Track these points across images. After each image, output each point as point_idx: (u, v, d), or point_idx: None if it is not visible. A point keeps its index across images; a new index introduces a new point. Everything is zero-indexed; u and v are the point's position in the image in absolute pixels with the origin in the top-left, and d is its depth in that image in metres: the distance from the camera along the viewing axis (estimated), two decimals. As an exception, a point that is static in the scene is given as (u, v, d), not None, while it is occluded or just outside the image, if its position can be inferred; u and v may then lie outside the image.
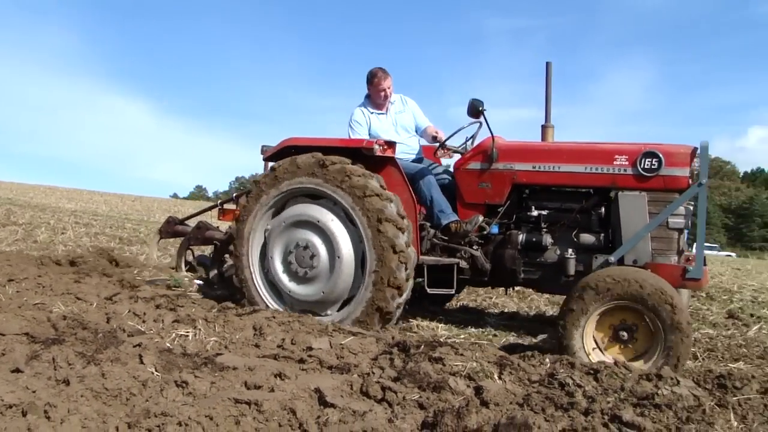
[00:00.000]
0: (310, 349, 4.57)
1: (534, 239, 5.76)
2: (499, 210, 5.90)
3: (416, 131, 7.08)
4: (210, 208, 9.30)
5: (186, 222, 8.81)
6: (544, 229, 5.78)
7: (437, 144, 6.66)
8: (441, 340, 5.27)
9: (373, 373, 4.10)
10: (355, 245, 5.77)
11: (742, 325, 7.44)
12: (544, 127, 6.08)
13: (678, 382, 4.01)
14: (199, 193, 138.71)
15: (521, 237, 5.78)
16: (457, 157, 6.38)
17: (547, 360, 4.46)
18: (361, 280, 5.73)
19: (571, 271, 5.55)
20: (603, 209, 5.68)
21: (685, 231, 5.44)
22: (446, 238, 5.98)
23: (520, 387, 3.90)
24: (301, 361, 4.37)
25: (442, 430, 3.15)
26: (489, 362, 4.16)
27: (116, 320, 5.21)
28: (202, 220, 8.39)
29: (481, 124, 6.09)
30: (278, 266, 6.07)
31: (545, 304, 8.50)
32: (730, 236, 79.68)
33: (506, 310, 8.04)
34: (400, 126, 6.91)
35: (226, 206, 7.73)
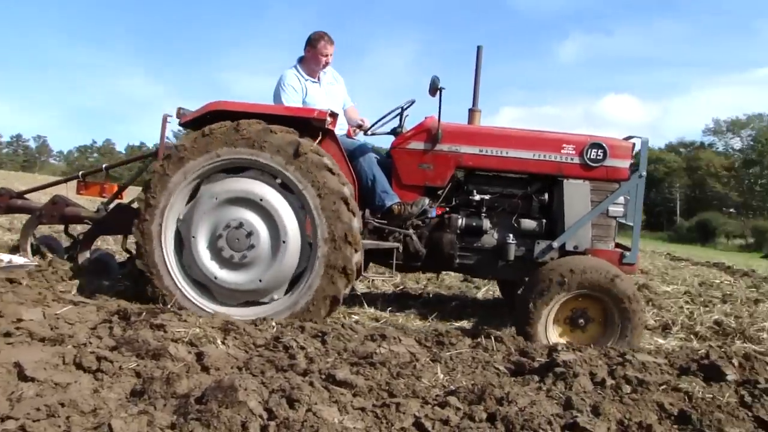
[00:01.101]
0: (20, 320, 4.15)
1: (474, 223, 5.63)
2: (439, 193, 5.72)
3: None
4: (62, 182, 7.67)
5: (25, 196, 7.21)
6: (484, 214, 5.67)
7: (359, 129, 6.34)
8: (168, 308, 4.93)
9: (90, 343, 3.80)
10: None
11: (474, 287, 7.99)
12: (471, 111, 5.92)
13: (400, 340, 4.19)
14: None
15: (460, 221, 5.63)
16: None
17: (274, 324, 4.44)
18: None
19: (511, 256, 5.53)
20: (545, 196, 5.71)
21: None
22: (385, 220, 5.60)
23: (243, 351, 3.84)
24: (8, 334, 3.96)
25: (151, 397, 2.99)
26: (213, 328, 4.06)
27: None
28: (59, 194, 6.88)
29: (413, 101, 5.91)
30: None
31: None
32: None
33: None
34: (332, 99, 6.36)
35: (89, 179, 6.73)
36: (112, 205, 6.52)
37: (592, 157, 5.46)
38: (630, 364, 4.01)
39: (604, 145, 5.47)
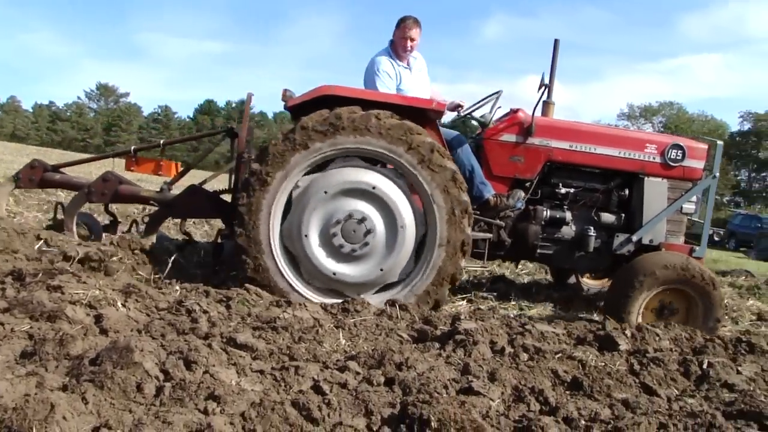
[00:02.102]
0: None
1: (557, 215, 5.80)
2: (527, 185, 5.80)
3: None
4: (108, 156, 7.01)
5: (61, 170, 6.54)
6: (566, 206, 5.87)
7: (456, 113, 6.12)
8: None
9: (-21, 305, 3.67)
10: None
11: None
12: (545, 103, 5.96)
13: (305, 307, 4.20)
14: None
15: (546, 213, 5.78)
16: None
17: (177, 288, 4.38)
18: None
19: (591, 248, 5.75)
20: (625, 191, 5.94)
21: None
22: (479, 211, 5.57)
23: (144, 315, 3.77)
24: None
25: (42, 359, 2.90)
26: (114, 290, 3.96)
27: None
28: (110, 170, 6.27)
29: (499, 93, 5.82)
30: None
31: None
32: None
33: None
34: (422, 84, 6.17)
35: (140, 154, 6.23)
36: (171, 185, 6.19)
37: (672, 157, 5.79)
38: (530, 334, 4.16)
39: (683, 146, 5.81)
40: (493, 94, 5.90)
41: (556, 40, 5.93)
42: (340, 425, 2.43)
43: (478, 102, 5.96)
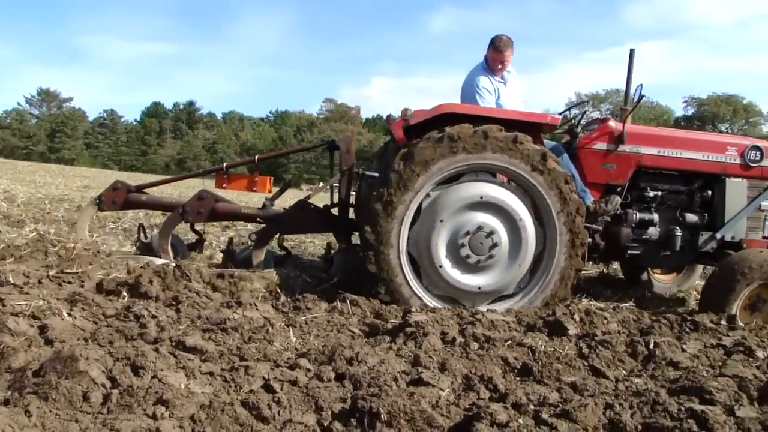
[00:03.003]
0: None
1: (646, 218, 6.07)
2: (618, 190, 6.03)
3: None
4: (197, 175, 7.01)
5: (144, 190, 6.47)
6: (653, 208, 6.15)
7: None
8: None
9: None
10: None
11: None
12: (622, 110, 6.22)
13: (256, 307, 4.19)
14: None
15: (635, 215, 6.03)
16: None
17: (125, 294, 4.32)
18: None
19: (677, 246, 6.05)
20: (708, 192, 6.23)
21: None
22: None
23: (91, 323, 3.71)
24: None
25: (-17, 373, 2.84)
26: (59, 299, 3.88)
27: None
28: (205, 189, 6.25)
29: (588, 102, 6.25)
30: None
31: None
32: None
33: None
34: (517, 97, 6.48)
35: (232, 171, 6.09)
36: (272, 201, 6.24)
37: (751, 158, 6.14)
38: (480, 323, 4.21)
39: (762, 147, 6.17)
40: (580, 103, 6.37)
41: (631, 50, 6.23)
42: (290, 422, 2.44)
43: (569, 111, 6.58)
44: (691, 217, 6.24)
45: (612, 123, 6.06)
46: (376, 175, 5.45)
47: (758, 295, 5.58)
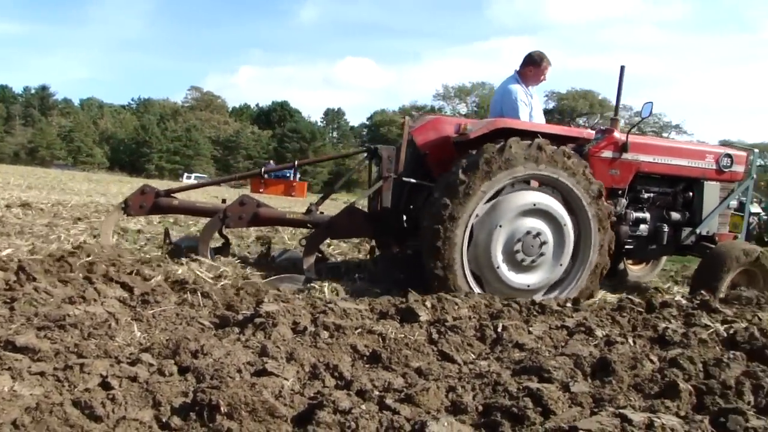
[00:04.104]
0: None
1: (640, 216, 7.00)
2: (620, 193, 6.85)
3: None
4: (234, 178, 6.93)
5: (174, 194, 6.29)
6: (646, 208, 7.08)
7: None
8: None
9: None
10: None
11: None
12: (612, 120, 7.11)
13: (102, 302, 4.02)
14: None
15: (633, 215, 6.94)
16: None
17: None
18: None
19: (664, 241, 7.06)
20: (689, 193, 7.28)
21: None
22: None
23: None
24: None
25: None
26: None
27: None
28: (246, 194, 6.18)
29: (598, 116, 7.16)
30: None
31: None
32: (218, 167, 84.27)
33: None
34: (540, 107, 7.12)
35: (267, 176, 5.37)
36: (318, 206, 6.47)
37: (724, 164, 7.24)
38: (332, 312, 4.21)
39: (732, 155, 7.31)
40: (589, 115, 7.45)
41: (622, 67, 6.87)
42: (124, 420, 2.34)
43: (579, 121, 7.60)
44: (675, 215, 7.23)
45: (617, 134, 6.85)
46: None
47: (735, 280, 6.63)
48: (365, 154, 6.95)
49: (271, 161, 55.27)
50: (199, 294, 4.45)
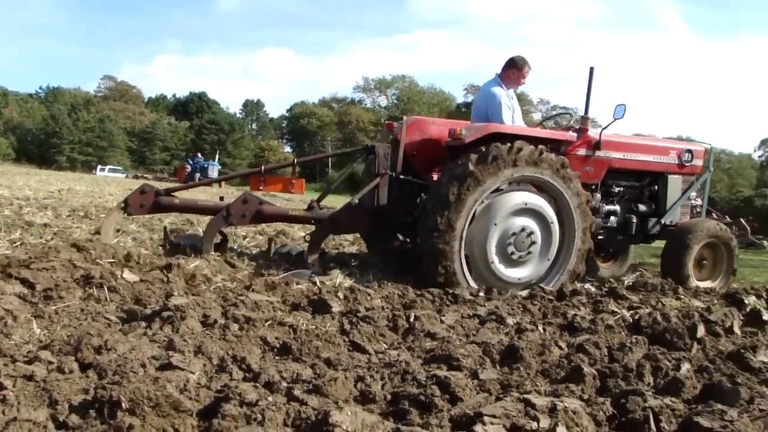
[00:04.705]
0: None
1: (611, 209, 7.59)
2: (593, 187, 7.32)
3: None
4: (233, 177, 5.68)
5: (173, 194, 6.33)
6: (615, 201, 7.65)
7: None
8: None
9: None
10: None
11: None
12: (584, 118, 7.46)
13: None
14: None
15: (604, 208, 7.50)
16: None
17: None
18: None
19: (633, 231, 7.62)
20: (654, 186, 7.91)
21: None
22: None
23: None
24: None
25: None
26: None
27: None
28: (248, 192, 6.40)
29: (571, 112, 8.14)
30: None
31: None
32: (134, 159, 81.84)
33: None
34: (519, 108, 7.38)
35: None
36: (319, 202, 6.60)
37: (685, 159, 7.91)
38: (243, 304, 4.17)
39: (692, 150, 8.02)
40: (565, 113, 8.27)
41: (591, 68, 7.25)
42: (15, 421, 2.24)
43: (550, 118, 8.11)
44: (642, 207, 7.84)
45: (590, 133, 7.35)
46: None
47: (701, 254, 7.39)
48: (365, 153, 7.25)
49: (199, 154, 54.02)
50: (105, 288, 4.31)
